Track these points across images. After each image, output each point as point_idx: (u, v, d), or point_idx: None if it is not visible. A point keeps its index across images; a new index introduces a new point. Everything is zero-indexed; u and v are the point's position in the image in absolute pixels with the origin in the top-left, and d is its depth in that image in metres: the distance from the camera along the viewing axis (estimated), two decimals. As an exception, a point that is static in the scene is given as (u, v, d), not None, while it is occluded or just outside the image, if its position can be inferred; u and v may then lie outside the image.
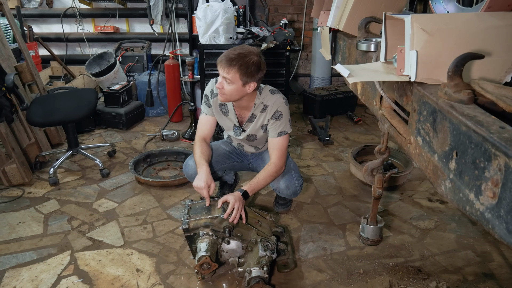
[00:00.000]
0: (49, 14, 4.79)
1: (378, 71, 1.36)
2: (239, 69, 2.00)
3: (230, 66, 2.01)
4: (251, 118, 2.28)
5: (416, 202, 2.80)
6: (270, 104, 2.21)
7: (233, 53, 2.03)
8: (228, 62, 2.01)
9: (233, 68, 2.00)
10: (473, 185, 0.90)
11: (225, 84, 2.07)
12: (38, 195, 2.87)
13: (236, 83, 2.05)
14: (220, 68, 2.05)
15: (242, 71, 2.01)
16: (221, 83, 2.08)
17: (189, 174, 2.47)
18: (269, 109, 2.21)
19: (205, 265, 1.90)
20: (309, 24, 4.89)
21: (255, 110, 2.25)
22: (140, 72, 4.56)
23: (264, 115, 2.23)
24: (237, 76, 2.02)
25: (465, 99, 1.00)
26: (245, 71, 2.01)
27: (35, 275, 2.12)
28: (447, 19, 1.18)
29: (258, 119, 2.26)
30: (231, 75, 2.02)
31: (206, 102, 2.34)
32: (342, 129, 4.13)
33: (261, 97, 2.22)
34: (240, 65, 2.00)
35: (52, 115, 2.89)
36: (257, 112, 2.25)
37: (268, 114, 2.21)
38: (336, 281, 2.08)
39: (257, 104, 2.23)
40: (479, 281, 2.08)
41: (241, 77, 2.03)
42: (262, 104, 2.23)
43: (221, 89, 2.09)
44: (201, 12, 3.21)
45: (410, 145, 1.26)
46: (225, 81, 2.06)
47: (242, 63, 2.01)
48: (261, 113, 2.24)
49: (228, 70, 2.01)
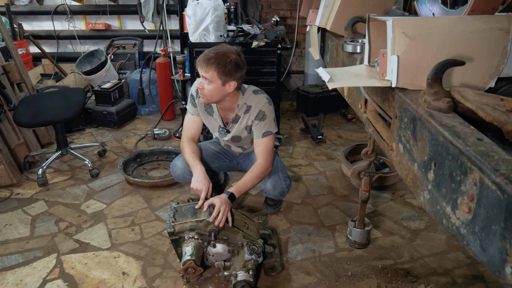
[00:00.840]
0: (40, 11, 4.73)
1: (360, 75, 1.33)
2: (216, 67, 1.99)
3: (208, 65, 2.00)
4: (235, 119, 2.26)
5: (407, 202, 2.78)
6: (253, 105, 2.18)
7: (211, 52, 2.02)
8: (205, 61, 2.00)
9: (211, 67, 1.99)
10: (450, 198, 0.87)
11: (205, 84, 2.06)
12: (26, 196, 2.84)
13: (215, 82, 2.03)
14: (199, 67, 2.04)
15: (219, 70, 1.99)
16: (201, 82, 2.07)
17: (177, 175, 2.44)
18: (252, 109, 2.18)
19: (190, 269, 1.88)
20: (303, 20, 4.84)
21: (238, 111, 2.22)
22: (132, 70, 4.51)
23: (248, 116, 2.21)
24: (215, 75, 2.01)
25: (444, 108, 0.97)
26: (223, 70, 2.00)
27: (20, 278, 2.09)
28: (429, 22, 1.15)
29: (242, 120, 2.24)
30: (210, 74, 2.01)
31: (192, 102, 2.31)
32: (335, 127, 4.10)
33: (244, 97, 2.20)
34: (217, 64, 1.99)
35: (39, 116, 2.85)
36: (240, 113, 2.23)
37: (252, 115, 2.19)
38: (323, 284, 2.06)
39: (240, 105, 2.20)
40: (468, 284, 2.06)
41: (219, 76, 2.01)
42: (245, 105, 2.20)
43: (201, 89, 2.08)
44: (190, 10, 3.17)
45: (392, 152, 1.24)
46: (205, 80, 2.05)
47: (220, 61, 1.99)
48: (244, 114, 2.22)
49: (206, 69, 2.00)
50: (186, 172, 2.37)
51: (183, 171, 2.38)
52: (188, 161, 2.23)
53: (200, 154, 2.30)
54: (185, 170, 2.36)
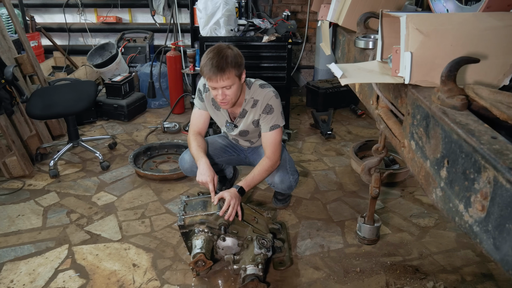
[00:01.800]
0: (52, 4, 4.76)
1: (373, 71, 1.33)
2: (232, 67, 1.96)
3: (225, 71, 1.94)
4: (242, 114, 2.26)
5: (416, 199, 2.77)
6: (260, 99, 2.18)
7: (216, 60, 1.93)
8: (220, 68, 1.93)
9: (228, 70, 1.95)
10: (462, 196, 0.87)
11: (226, 92, 2.02)
12: (38, 188, 2.89)
13: (235, 82, 2.02)
14: (214, 81, 1.96)
15: (234, 67, 1.97)
16: (223, 93, 2.02)
17: (185, 168, 2.46)
18: (259, 103, 2.19)
19: (200, 262, 1.90)
20: (314, 15, 4.81)
21: (245, 105, 2.23)
22: (142, 63, 4.53)
23: (255, 110, 2.21)
24: (233, 75, 1.98)
25: (458, 105, 0.97)
26: (235, 64, 1.98)
27: (32, 268, 2.13)
28: (443, 19, 1.14)
29: (249, 115, 2.25)
30: (230, 78, 1.97)
31: (199, 96, 2.32)
32: (345, 123, 4.08)
33: (251, 92, 2.20)
34: (231, 62, 1.95)
35: (51, 108, 2.89)
36: (247, 107, 2.23)
37: (259, 108, 2.19)
38: (332, 279, 2.07)
39: (247, 99, 2.21)
40: (478, 282, 2.05)
41: (236, 73, 2.00)
42: (252, 99, 2.21)
43: (224, 99, 2.04)
44: (202, 3, 3.16)
45: (403, 149, 1.23)
46: (226, 89, 2.01)
47: (230, 59, 1.96)
48: (251, 108, 2.22)
49: (226, 75, 1.95)
50: (194, 165, 2.38)
51: (191, 164, 2.40)
52: (193, 155, 2.25)
53: (205, 148, 2.31)
54: (193, 163, 2.38)
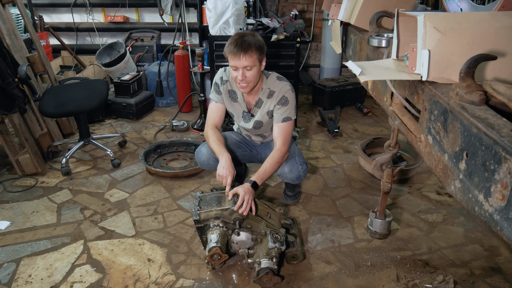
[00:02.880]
0: (60, 3, 4.81)
1: (389, 69, 1.37)
2: (255, 49, 2.05)
3: (248, 51, 2.03)
4: (258, 103, 2.32)
5: (424, 195, 2.81)
6: (277, 90, 2.25)
7: (240, 40, 2.05)
8: (244, 48, 2.03)
9: (251, 51, 2.04)
10: (482, 186, 0.91)
11: (246, 73, 2.10)
12: (51, 185, 2.93)
13: (256, 64, 2.10)
14: (236, 59, 2.06)
15: (258, 50, 2.06)
16: (243, 73, 2.10)
17: (202, 161, 2.50)
18: (275, 95, 2.25)
19: (216, 256, 1.94)
20: (319, 14, 4.86)
21: (262, 95, 2.29)
22: (150, 62, 4.58)
23: (271, 100, 2.27)
24: (256, 57, 2.07)
25: (476, 101, 1.01)
26: (259, 48, 2.07)
27: (49, 263, 2.17)
28: (460, 18, 1.18)
29: (264, 105, 2.30)
30: (252, 59, 2.06)
31: (216, 89, 2.38)
32: (351, 121, 4.12)
33: (268, 82, 2.27)
34: (254, 45, 2.05)
35: (64, 106, 2.93)
36: (263, 97, 2.29)
37: (275, 99, 2.25)
38: (344, 273, 2.11)
39: (264, 89, 2.27)
40: (486, 275, 2.09)
41: (258, 56, 2.08)
42: (268, 89, 2.27)
43: (243, 80, 2.11)
44: (211, 3, 3.21)
45: (420, 143, 1.27)
46: (246, 69, 2.09)
47: (254, 42, 2.06)
48: (267, 99, 2.28)
49: (248, 55, 2.04)
50: (211, 158, 2.43)
51: (208, 157, 2.44)
52: (214, 149, 2.29)
53: (224, 143, 2.35)
54: (210, 156, 2.43)
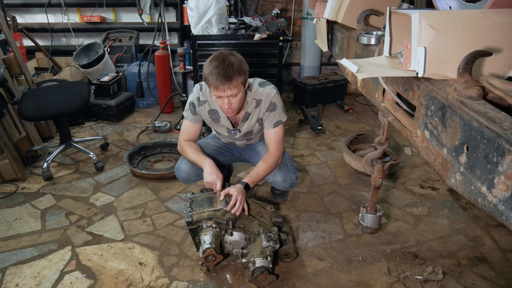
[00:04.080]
0: (33, 3, 4.66)
1: (384, 66, 1.39)
2: (239, 75, 1.95)
3: (231, 79, 1.93)
4: (245, 117, 2.26)
5: (409, 189, 2.88)
6: (263, 98, 2.19)
7: (222, 68, 1.92)
8: (227, 77, 1.92)
9: (235, 78, 1.94)
10: (485, 178, 0.94)
11: (232, 100, 2.02)
12: (32, 191, 2.84)
13: (241, 89, 2.02)
14: (221, 90, 1.95)
15: (240, 74, 1.96)
16: (229, 102, 2.01)
17: (182, 178, 2.45)
18: (263, 103, 2.20)
19: (210, 257, 1.93)
20: (298, 13, 4.89)
21: (248, 107, 2.22)
22: (129, 63, 4.50)
23: (259, 109, 2.23)
24: (240, 82, 1.98)
25: (475, 96, 1.04)
26: (241, 72, 1.97)
27: (37, 271, 2.11)
28: (453, 16, 1.21)
29: (252, 116, 2.26)
30: (237, 86, 1.97)
31: (192, 110, 2.27)
32: (333, 118, 4.17)
33: (252, 93, 2.20)
34: (237, 70, 1.94)
35: (45, 109, 2.85)
36: (250, 109, 2.23)
37: (263, 107, 2.21)
38: (336, 268, 2.14)
39: (249, 102, 2.21)
40: (473, 265, 2.16)
41: (242, 81, 1.99)
42: (254, 100, 2.21)
43: (230, 108, 2.04)
44: (193, 2, 3.18)
45: (416, 138, 1.30)
46: (232, 97, 2.01)
47: (236, 67, 1.94)
48: (255, 109, 2.23)
49: (233, 83, 1.94)
50: (191, 174, 2.39)
51: (188, 173, 2.39)
52: (194, 159, 2.23)
53: (201, 151, 2.31)
54: (190, 172, 2.38)
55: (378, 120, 4.10)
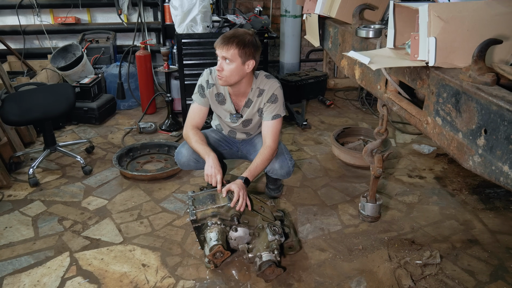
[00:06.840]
0: (3, 5, 4.47)
1: (391, 57, 1.44)
2: (237, 45, 2.07)
3: (228, 44, 2.07)
4: (248, 104, 2.33)
5: (398, 179, 2.97)
6: (266, 89, 2.27)
7: (229, 33, 2.12)
8: (226, 40, 2.08)
9: (232, 45, 2.07)
10: (507, 158, 1.00)
11: (224, 65, 2.12)
12: (20, 198, 2.75)
13: (236, 61, 2.10)
14: (219, 49, 2.10)
15: (240, 47, 2.08)
16: (221, 64, 2.13)
17: (182, 162, 2.46)
18: (265, 93, 2.27)
19: (218, 253, 1.94)
20: (276, 10, 4.93)
21: (252, 95, 2.30)
22: (108, 64, 4.40)
23: (261, 99, 2.29)
24: (236, 53, 2.08)
25: (489, 81, 1.10)
26: (243, 47, 2.08)
27: (36, 279, 2.05)
28: (460, 7, 1.27)
29: (254, 104, 2.32)
30: (231, 53, 2.07)
31: (201, 92, 2.35)
32: (316, 113, 4.24)
33: (257, 81, 2.29)
34: (238, 42, 2.08)
35: (30, 113, 2.75)
36: (253, 97, 2.30)
37: (265, 98, 2.27)
38: (339, 258, 2.18)
39: (253, 89, 2.29)
40: (466, 247, 2.26)
41: (240, 54, 2.09)
42: (258, 88, 2.29)
43: (220, 71, 2.13)
44: (177, 1, 3.16)
45: (427, 126, 1.36)
46: (225, 61, 2.10)
47: (240, 39, 2.08)
48: (257, 98, 2.30)
49: (227, 47, 2.07)
50: (191, 159, 2.40)
51: (188, 158, 2.41)
52: (198, 149, 2.26)
53: (207, 142, 2.33)
54: (190, 157, 2.40)
55: (359, 114, 4.22)
